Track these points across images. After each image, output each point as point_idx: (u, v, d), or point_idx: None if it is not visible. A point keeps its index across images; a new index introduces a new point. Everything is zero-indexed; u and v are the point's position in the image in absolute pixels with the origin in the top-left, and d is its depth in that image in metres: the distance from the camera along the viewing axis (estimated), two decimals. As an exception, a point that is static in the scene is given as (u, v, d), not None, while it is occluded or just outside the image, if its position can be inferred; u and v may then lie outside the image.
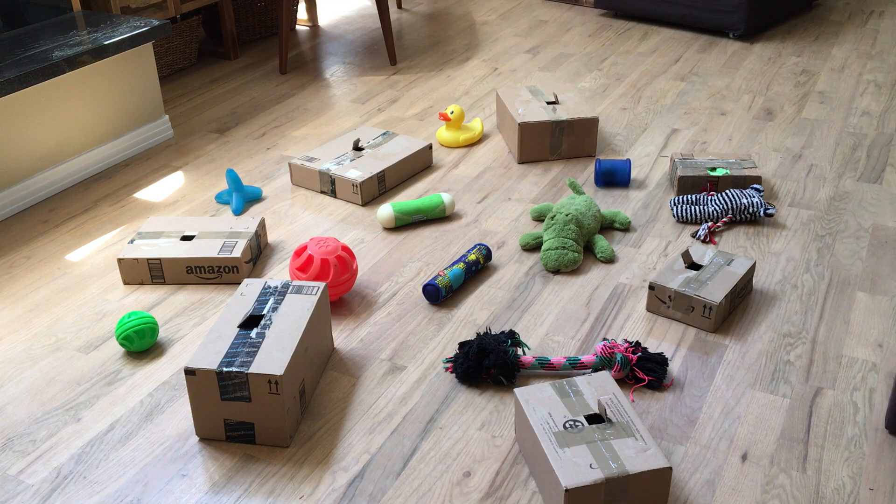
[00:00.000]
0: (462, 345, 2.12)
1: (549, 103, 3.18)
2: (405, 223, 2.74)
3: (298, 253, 2.36)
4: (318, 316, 2.07)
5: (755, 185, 2.76)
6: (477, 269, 2.47)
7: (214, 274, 2.48)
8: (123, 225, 2.81)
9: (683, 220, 2.74)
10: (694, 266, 2.34)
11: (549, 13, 4.83)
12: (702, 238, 2.62)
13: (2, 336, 2.30)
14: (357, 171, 2.89)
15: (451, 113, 3.23)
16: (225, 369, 1.83)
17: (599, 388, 1.85)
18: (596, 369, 2.05)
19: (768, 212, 2.67)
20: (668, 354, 2.15)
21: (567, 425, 1.75)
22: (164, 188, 3.03)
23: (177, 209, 2.89)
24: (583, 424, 1.75)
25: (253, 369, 1.83)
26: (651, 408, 1.99)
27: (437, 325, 2.29)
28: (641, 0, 4.49)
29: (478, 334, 2.12)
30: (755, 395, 2.02)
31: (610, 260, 2.53)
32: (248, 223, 2.60)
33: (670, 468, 1.67)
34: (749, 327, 2.24)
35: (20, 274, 2.57)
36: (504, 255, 2.59)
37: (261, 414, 1.87)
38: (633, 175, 3.02)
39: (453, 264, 2.43)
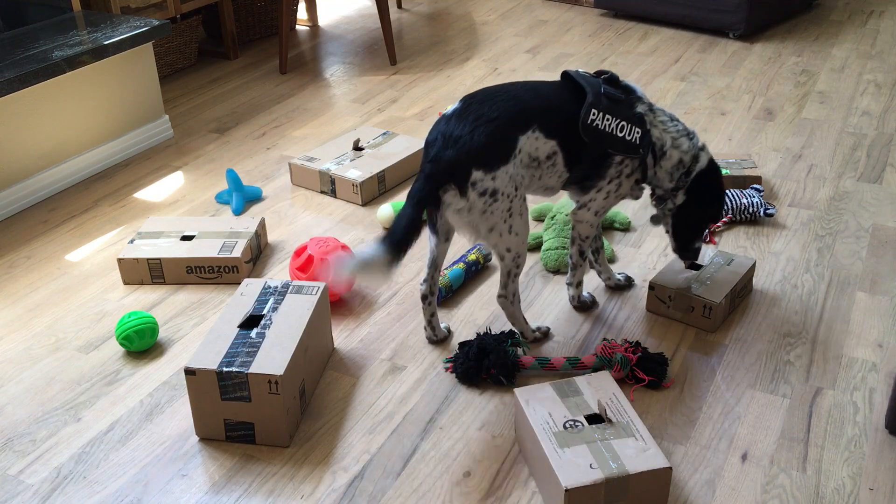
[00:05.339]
0: (462, 345, 2.12)
1: (549, 103, 3.18)
2: (405, 223, 2.74)
3: (298, 253, 2.36)
4: (318, 316, 2.07)
5: (755, 185, 2.76)
6: (477, 269, 2.47)
7: (214, 274, 2.48)
8: (123, 225, 2.81)
9: (683, 220, 2.74)
10: (694, 266, 2.34)
11: (549, 13, 4.84)
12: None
13: (2, 336, 2.30)
14: (357, 171, 2.89)
15: (451, 113, 3.22)
16: (225, 369, 1.83)
17: (599, 388, 1.85)
18: (596, 369, 2.05)
19: (768, 212, 2.67)
20: (668, 354, 2.15)
21: (567, 425, 1.75)
22: (164, 188, 3.03)
23: (177, 209, 2.89)
24: (583, 424, 1.75)
25: (253, 369, 1.83)
26: (651, 408, 1.99)
27: (437, 325, 2.29)
28: (641, 0, 4.49)
29: (478, 334, 2.12)
30: (755, 395, 2.02)
31: (610, 260, 2.53)
32: (248, 223, 2.60)
33: (670, 468, 1.67)
34: (749, 327, 2.24)
35: (20, 274, 2.57)
36: (504, 255, 2.59)
37: (261, 414, 1.87)
38: (633, 175, 3.01)
39: (453, 264, 2.43)
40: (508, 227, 1.99)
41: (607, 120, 1.99)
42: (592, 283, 2.44)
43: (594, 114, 1.98)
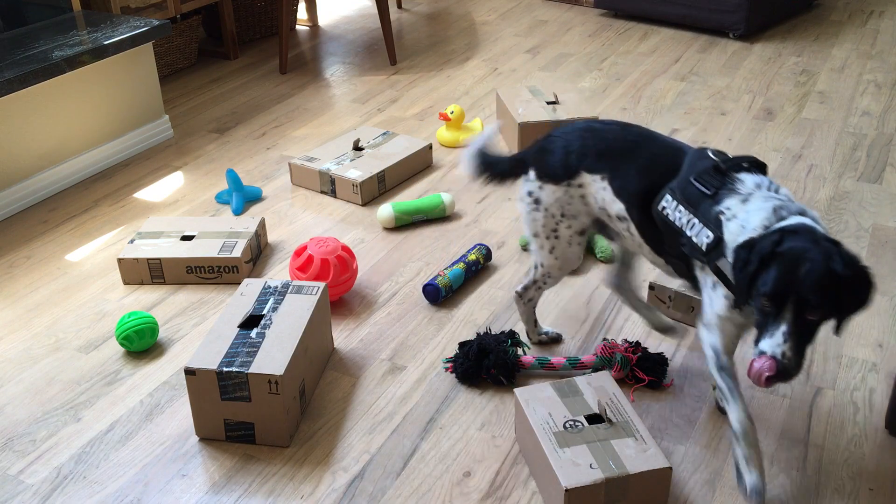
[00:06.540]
0: (462, 345, 2.12)
1: (549, 103, 3.18)
2: (405, 223, 2.74)
3: (298, 253, 2.36)
4: (318, 316, 2.07)
5: (755, 185, 2.76)
6: (477, 269, 2.47)
7: (214, 274, 2.48)
8: (123, 225, 2.81)
9: (683, 221, 2.72)
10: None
11: (549, 13, 4.84)
12: (702, 238, 2.61)
13: (2, 336, 2.30)
14: (357, 171, 2.89)
15: (451, 113, 3.23)
16: (225, 369, 1.83)
17: (599, 388, 1.85)
18: (596, 369, 2.05)
19: (768, 212, 2.66)
20: (668, 354, 2.15)
21: (567, 425, 1.75)
22: (164, 188, 3.03)
23: (177, 209, 2.89)
24: (583, 424, 1.75)
25: (253, 369, 1.83)
26: (651, 408, 1.99)
27: (437, 325, 2.29)
28: (641, 0, 4.49)
29: (478, 334, 2.12)
30: (755, 395, 2.02)
31: (610, 260, 2.53)
32: (248, 223, 2.60)
33: (670, 468, 1.67)
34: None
35: (20, 274, 2.57)
36: (504, 255, 2.59)
37: (261, 414, 1.87)
38: (633, 175, 3.01)
39: (453, 264, 2.43)
40: (550, 247, 1.97)
41: (679, 211, 1.69)
42: (593, 282, 2.44)
43: (667, 200, 1.72)
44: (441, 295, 2.35)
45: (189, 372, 1.85)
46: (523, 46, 4.32)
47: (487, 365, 2.04)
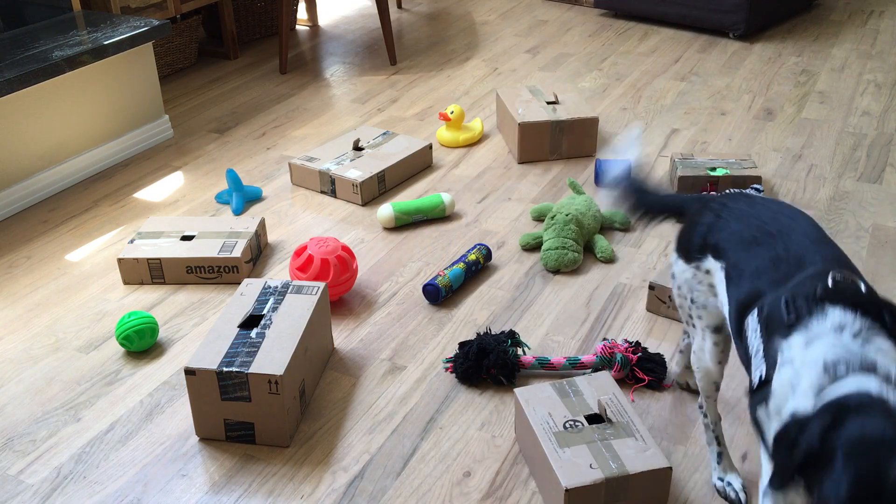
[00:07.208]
0: (462, 345, 2.12)
1: (549, 103, 3.18)
2: (405, 223, 2.74)
3: (298, 253, 2.36)
4: (318, 316, 2.07)
5: (755, 185, 2.76)
6: (477, 269, 2.47)
7: (214, 274, 2.48)
8: (123, 225, 2.81)
9: (683, 221, 2.72)
10: None
11: (549, 13, 4.84)
12: (702, 238, 2.60)
13: (2, 336, 2.30)
14: (357, 171, 2.89)
15: (451, 113, 3.22)
16: (225, 369, 1.83)
17: (599, 388, 1.85)
18: (596, 369, 2.05)
19: (769, 212, 2.65)
20: (667, 354, 2.15)
21: (567, 425, 1.75)
22: (164, 188, 3.03)
23: (177, 209, 2.89)
24: (583, 424, 1.75)
25: (253, 369, 1.83)
26: (651, 408, 1.99)
27: (437, 325, 2.29)
28: (641, 0, 4.49)
29: (478, 334, 2.12)
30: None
31: (610, 260, 2.53)
32: (248, 223, 2.60)
33: (670, 468, 1.67)
34: (749, 327, 2.24)
35: (20, 274, 2.57)
36: (504, 255, 2.59)
37: (261, 414, 1.87)
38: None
39: (453, 264, 2.43)
40: (691, 336, 1.72)
41: (755, 334, 1.38)
42: (593, 282, 2.44)
43: (753, 317, 1.39)
44: (441, 295, 2.35)
45: (189, 372, 1.85)
46: (523, 46, 4.32)
47: (487, 365, 2.04)
